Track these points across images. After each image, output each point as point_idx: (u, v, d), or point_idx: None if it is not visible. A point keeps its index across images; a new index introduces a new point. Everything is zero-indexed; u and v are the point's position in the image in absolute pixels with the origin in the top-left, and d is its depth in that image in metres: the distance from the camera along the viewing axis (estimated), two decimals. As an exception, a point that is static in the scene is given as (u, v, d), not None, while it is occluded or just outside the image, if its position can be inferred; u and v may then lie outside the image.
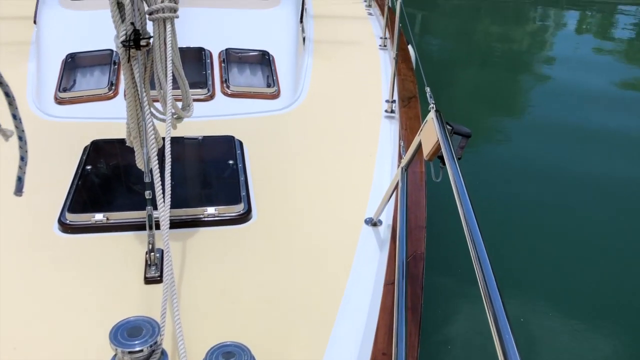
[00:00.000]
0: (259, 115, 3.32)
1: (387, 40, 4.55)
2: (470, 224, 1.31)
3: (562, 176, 5.50)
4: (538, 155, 5.94)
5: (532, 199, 5.06)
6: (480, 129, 6.66)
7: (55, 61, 3.43)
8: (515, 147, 6.20)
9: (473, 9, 13.74)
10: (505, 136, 6.56)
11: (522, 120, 7.21)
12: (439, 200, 2.62)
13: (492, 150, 6.08)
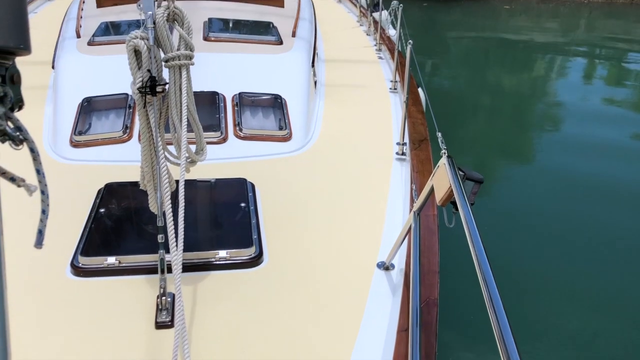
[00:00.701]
0: (271, 157, 3.35)
1: (398, 83, 4.61)
2: (484, 270, 1.30)
3: (572, 223, 5.46)
4: (548, 201, 5.91)
5: (543, 245, 5.01)
6: (490, 173, 6.66)
7: (71, 105, 3.50)
8: (525, 192, 6.18)
9: (482, 53, 13.92)
10: (515, 181, 6.55)
11: (531, 165, 7.20)
12: (452, 245, 2.60)
13: (502, 195, 6.06)
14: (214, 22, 4.47)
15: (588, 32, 17.44)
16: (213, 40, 4.15)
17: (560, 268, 4.71)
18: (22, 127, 0.98)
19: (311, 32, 4.90)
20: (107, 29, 4.35)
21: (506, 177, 6.69)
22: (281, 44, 4.28)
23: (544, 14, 18.80)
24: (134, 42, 1.78)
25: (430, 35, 15.05)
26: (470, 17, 17.99)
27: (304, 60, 4.15)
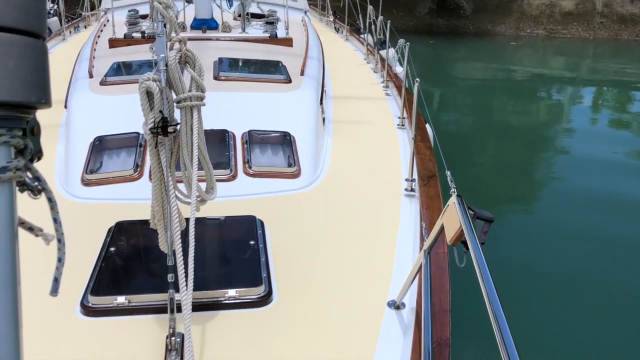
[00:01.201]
0: (280, 194, 3.36)
1: (405, 119, 4.64)
2: (495, 310, 1.29)
3: (585, 260, 5.40)
4: (558, 239, 5.86)
5: (555, 283, 4.95)
6: (500, 209, 6.63)
7: (83, 144, 3.55)
8: (535, 229, 6.13)
9: (490, 89, 14.04)
10: (525, 217, 6.52)
11: (540, 201, 7.17)
12: (463, 283, 2.58)
13: (513, 232, 6.01)
14: (224, 62, 4.56)
15: (594, 67, 17.58)
16: (223, 79, 4.23)
17: (573, 307, 4.63)
18: (40, 178, 1.01)
19: (319, 70, 4.98)
20: (119, 68, 4.44)
21: (516, 214, 6.66)
22: (290, 82, 4.34)
23: (549, 50, 19.01)
24: (146, 84, 1.82)
25: (437, 71, 15.22)
26: (476, 54, 18.22)
27: (312, 98, 4.21)
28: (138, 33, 5.42)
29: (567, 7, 20.73)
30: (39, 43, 0.95)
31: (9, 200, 0.95)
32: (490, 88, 14.08)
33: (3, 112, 0.91)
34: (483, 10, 20.54)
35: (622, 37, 20.43)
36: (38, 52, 0.94)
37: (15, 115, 0.93)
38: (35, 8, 0.93)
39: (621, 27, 20.59)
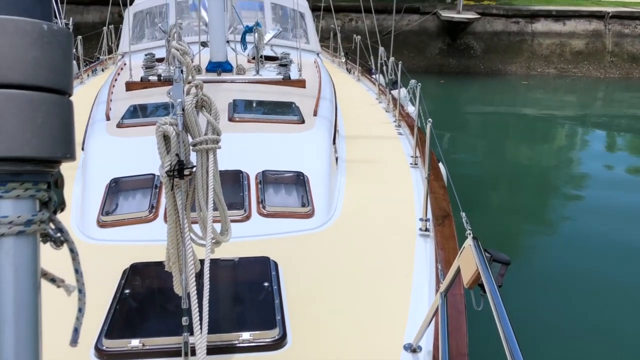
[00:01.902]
0: (294, 234, 3.35)
1: (418, 158, 4.65)
2: (513, 354, 1.27)
3: (604, 298, 5.29)
4: (576, 278, 5.76)
5: (574, 324, 4.85)
6: (515, 250, 6.56)
7: (99, 186, 3.59)
8: (552, 269, 6.04)
9: (502, 127, 14.06)
10: (541, 258, 6.42)
11: (556, 241, 7.08)
12: (481, 325, 2.54)
13: (530, 272, 5.92)
14: (238, 103, 4.63)
15: (606, 105, 17.59)
16: (238, 120, 4.29)
17: (589, 350, 4.51)
18: (63, 229, 1.03)
19: (332, 111, 5.03)
20: (135, 111, 4.52)
21: (532, 254, 6.57)
22: (303, 122, 4.39)
23: (561, 89, 19.09)
24: (163, 128, 1.85)
25: (449, 110, 15.32)
26: (488, 93, 18.34)
27: (325, 138, 4.24)
28: (154, 76, 5.54)
29: (577, 47, 20.91)
30: (65, 99, 0.98)
31: (33, 252, 0.96)
32: (503, 127, 14.11)
33: (30, 167, 0.94)
34: (493, 50, 20.76)
35: (634, 76, 20.47)
36: (64, 108, 0.97)
37: (42, 169, 0.97)
38: (62, 67, 0.96)
39: (632, 65, 20.66)
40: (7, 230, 0.95)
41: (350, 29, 18.07)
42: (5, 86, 0.93)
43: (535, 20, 21.07)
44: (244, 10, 7.71)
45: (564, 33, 21.00)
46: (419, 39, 20.82)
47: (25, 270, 0.95)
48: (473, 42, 20.89)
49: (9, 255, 0.95)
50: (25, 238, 0.95)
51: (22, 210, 0.96)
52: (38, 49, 0.94)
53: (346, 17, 20.54)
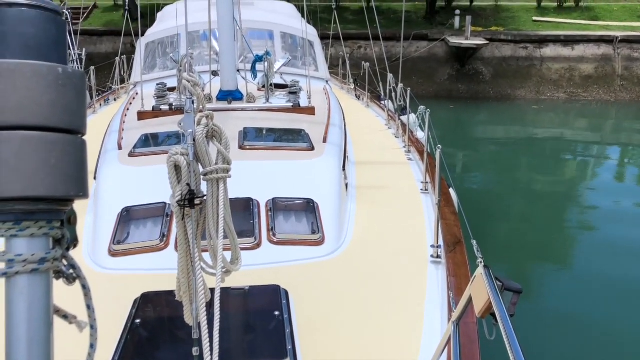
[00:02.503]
0: (304, 262, 3.34)
1: (429, 184, 4.64)
2: None
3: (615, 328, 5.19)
4: (589, 306, 5.67)
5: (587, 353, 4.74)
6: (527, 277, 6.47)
7: (111, 215, 3.61)
8: (564, 297, 5.95)
9: (512, 152, 14.01)
10: (553, 285, 6.33)
11: (568, 268, 6.99)
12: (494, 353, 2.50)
13: (542, 301, 5.83)
14: (248, 131, 4.67)
15: (617, 129, 17.51)
16: (248, 148, 4.32)
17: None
18: (75, 265, 1.05)
19: (341, 137, 5.06)
20: (147, 140, 4.57)
21: (544, 283, 6.46)
22: (313, 149, 4.41)
23: (571, 113, 19.06)
24: (174, 158, 1.87)
25: (459, 135, 15.33)
26: (497, 118, 18.35)
27: (334, 165, 4.26)
28: (166, 105, 5.62)
29: (586, 71, 20.94)
30: (79, 139, 1.01)
31: (46, 289, 0.98)
32: (513, 151, 14.06)
33: (44, 206, 0.97)
34: (502, 75, 20.85)
35: (645, 99, 20.43)
36: (78, 148, 1.00)
37: (55, 208, 0.99)
38: (76, 108, 0.99)
39: (642, 89, 20.66)
40: (22, 268, 0.97)
41: (359, 56, 18.25)
42: (21, 128, 0.96)
43: (544, 45, 21.18)
44: (254, 39, 7.82)
45: (573, 58, 21.07)
46: (427, 65, 20.97)
47: (38, 307, 0.97)
48: (482, 67, 21.00)
49: (23, 293, 0.97)
50: (38, 276, 0.97)
51: (36, 248, 0.99)
52: (53, 92, 0.98)
53: (355, 44, 20.77)
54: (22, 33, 0.98)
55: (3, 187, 0.95)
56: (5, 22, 0.98)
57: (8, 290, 0.99)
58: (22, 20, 0.98)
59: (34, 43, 0.99)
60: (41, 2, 1.00)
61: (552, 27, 22.88)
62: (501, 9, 25.15)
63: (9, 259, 0.98)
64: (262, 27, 8.08)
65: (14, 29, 0.98)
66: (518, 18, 24.22)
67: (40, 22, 1.00)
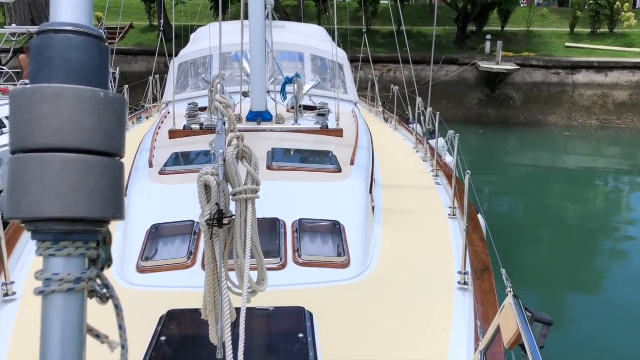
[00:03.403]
0: (330, 284, 3.33)
1: (457, 209, 4.59)
2: None
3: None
4: (622, 338, 5.48)
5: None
6: (557, 308, 6.30)
7: (140, 231, 3.66)
8: (596, 329, 5.76)
9: (542, 179, 13.78)
10: (584, 317, 6.14)
11: (600, 299, 6.78)
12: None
13: (573, 333, 5.67)
14: (277, 152, 4.71)
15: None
16: (276, 169, 4.35)
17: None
18: (109, 285, 1.08)
19: (369, 160, 5.06)
20: (177, 159, 4.64)
21: (574, 315, 6.28)
22: (340, 171, 4.42)
23: (604, 140, 18.72)
24: (205, 177, 1.90)
25: (488, 160, 15.17)
26: (528, 143, 18.12)
27: (362, 187, 4.25)
28: (197, 125, 5.70)
29: (620, 98, 20.59)
30: (117, 162, 1.04)
31: (80, 309, 1.00)
32: (543, 178, 13.84)
33: (81, 227, 1.00)
34: (533, 101, 20.64)
35: (681, 127, 19.96)
36: (116, 170, 1.03)
37: (92, 229, 1.02)
38: (116, 131, 1.03)
39: (679, 117, 20.20)
40: (58, 287, 1.00)
41: (389, 80, 18.31)
42: (63, 150, 1.00)
43: (577, 71, 20.94)
44: (284, 62, 7.92)
45: (607, 84, 20.76)
46: (457, 89, 20.91)
47: (72, 326, 0.99)
48: (512, 92, 20.84)
49: (58, 311, 0.99)
50: (74, 295, 1.00)
51: (72, 268, 1.02)
52: (95, 116, 1.01)
53: (384, 67, 20.87)
54: (68, 58, 1.02)
55: (43, 208, 0.98)
56: (52, 47, 1.02)
57: (44, 308, 1.01)
58: (67, 46, 1.02)
59: (78, 68, 1.02)
60: (86, 29, 1.04)
61: (585, 53, 22.63)
62: (533, 34, 25.01)
63: (46, 277, 1.01)
64: (292, 49, 8.18)
65: (60, 54, 1.02)
66: (550, 44, 24.04)
67: (84, 48, 1.03)
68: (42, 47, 1.02)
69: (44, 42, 1.02)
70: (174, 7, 8.66)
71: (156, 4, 25.00)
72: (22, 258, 3.71)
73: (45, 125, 0.99)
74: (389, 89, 10.30)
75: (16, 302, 3.14)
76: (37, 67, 1.02)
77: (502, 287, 1.90)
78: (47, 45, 1.02)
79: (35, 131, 0.99)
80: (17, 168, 1.01)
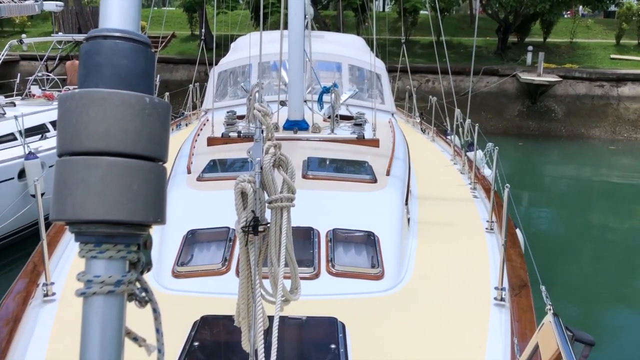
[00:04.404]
0: (363, 296, 3.30)
1: (494, 223, 4.50)
2: None
3: None
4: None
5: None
6: (599, 328, 6.08)
7: (177, 237, 3.71)
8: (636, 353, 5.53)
9: (584, 194, 13.40)
10: (629, 338, 5.91)
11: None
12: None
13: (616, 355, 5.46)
14: (312, 161, 4.71)
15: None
16: (311, 178, 4.35)
17: None
18: (148, 289, 1.09)
19: (405, 171, 5.01)
20: (215, 165, 4.70)
21: (617, 336, 6.06)
22: (375, 182, 4.39)
23: (650, 155, 18.11)
24: (241, 185, 1.91)
25: (527, 173, 14.84)
26: (570, 157, 17.66)
27: (397, 198, 4.21)
28: (234, 132, 5.77)
29: (668, 111, 19.93)
30: (160, 167, 1.06)
31: (119, 311, 1.01)
32: (586, 192, 13.45)
33: (123, 230, 1.01)
34: (576, 113, 20.14)
35: None
36: (159, 175, 1.04)
37: (134, 232, 1.04)
38: (160, 136, 1.04)
39: None
40: (99, 289, 1.02)
41: (427, 90, 18.17)
42: (108, 154, 1.02)
43: (622, 84, 20.35)
44: (322, 71, 7.95)
45: (654, 97, 20.11)
46: (497, 101, 20.59)
47: (111, 328, 1.01)
48: (554, 105, 20.39)
49: (98, 313, 1.01)
50: (113, 297, 1.02)
51: (113, 270, 1.03)
52: (140, 120, 1.03)
53: (422, 78, 20.73)
54: (115, 63, 1.04)
55: (88, 210, 1.00)
56: (101, 52, 1.04)
57: (84, 309, 1.03)
58: (115, 51, 1.04)
59: (125, 73, 1.04)
60: (133, 35, 1.06)
61: (631, 65, 21.99)
62: (577, 45, 24.47)
63: (87, 279, 1.03)
64: (330, 59, 8.21)
65: (108, 59, 1.04)
66: (594, 55, 23.46)
67: (131, 54, 1.06)
68: (91, 52, 1.05)
69: (92, 48, 1.05)
70: (215, 16, 8.82)
71: (198, 14, 25.50)
72: (62, 259, 3.81)
73: (92, 129, 1.01)
74: (427, 100, 10.21)
75: (55, 303, 3.22)
76: (86, 71, 1.05)
77: (540, 304, 1.84)
78: (96, 50, 1.04)
79: (82, 134, 1.02)
80: (64, 170, 1.03)
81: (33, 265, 3.52)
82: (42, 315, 3.09)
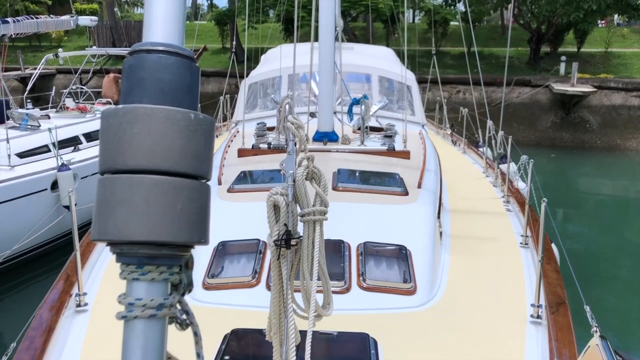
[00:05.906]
0: (394, 311, 3.24)
1: (529, 238, 4.38)
2: None
3: None
4: None
5: None
6: None
7: (208, 248, 3.71)
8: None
9: (621, 208, 13.02)
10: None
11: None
12: None
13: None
14: (342, 173, 4.68)
15: None
16: (341, 190, 4.31)
17: None
18: (189, 312, 1.05)
19: (436, 184, 4.94)
20: (245, 177, 4.71)
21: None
22: (407, 194, 4.33)
23: (690, 167, 17.54)
24: (274, 197, 1.88)
25: (562, 186, 14.51)
26: (605, 169, 17.22)
27: (429, 212, 4.14)
28: (265, 144, 5.79)
29: None
30: (204, 185, 1.02)
31: (161, 335, 0.98)
32: (623, 207, 13.06)
33: (166, 251, 0.98)
34: (611, 124, 19.68)
35: None
36: (203, 194, 1.01)
37: (176, 253, 1.00)
38: (204, 154, 1.01)
39: None
40: (140, 313, 0.98)
41: (458, 101, 17.99)
42: (152, 172, 0.98)
43: (659, 94, 19.83)
44: (352, 82, 7.94)
45: (692, 108, 19.52)
46: (529, 112, 20.26)
47: (152, 353, 0.97)
48: (588, 115, 19.96)
49: (139, 337, 0.98)
50: (155, 321, 0.98)
51: (155, 293, 1.00)
52: (184, 137, 0.99)
53: (453, 89, 20.55)
54: (159, 78, 1.01)
55: (130, 231, 0.97)
56: (144, 67, 1.01)
57: (125, 332, 1.00)
58: (159, 66, 1.01)
59: (169, 89, 1.01)
60: (178, 49, 1.03)
61: (668, 75, 21.43)
62: (612, 55, 23.95)
63: (129, 302, 1.00)
64: (360, 70, 8.20)
65: (152, 74, 1.01)
66: (630, 65, 22.92)
67: (176, 69, 1.02)
68: (134, 66, 1.01)
69: (136, 62, 1.02)
70: (246, 30, 8.92)
71: (229, 27, 25.85)
72: (94, 270, 3.85)
73: (136, 146, 0.98)
74: (458, 111, 10.09)
75: (87, 313, 3.25)
76: (129, 86, 1.01)
77: (579, 323, 1.76)
78: (140, 65, 1.01)
79: (125, 152, 0.98)
80: (106, 189, 0.99)
81: (66, 276, 3.56)
82: (75, 326, 3.12)
